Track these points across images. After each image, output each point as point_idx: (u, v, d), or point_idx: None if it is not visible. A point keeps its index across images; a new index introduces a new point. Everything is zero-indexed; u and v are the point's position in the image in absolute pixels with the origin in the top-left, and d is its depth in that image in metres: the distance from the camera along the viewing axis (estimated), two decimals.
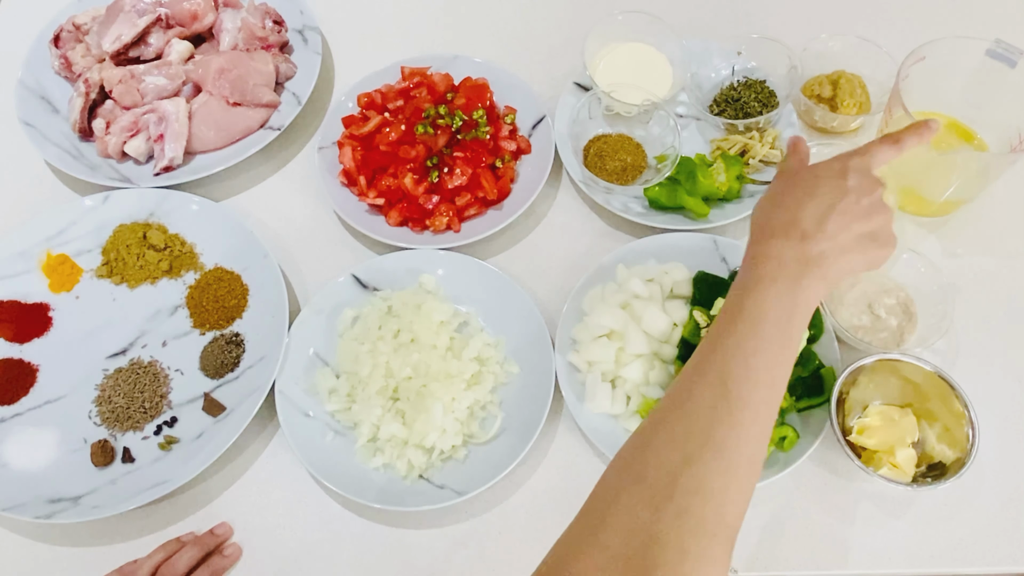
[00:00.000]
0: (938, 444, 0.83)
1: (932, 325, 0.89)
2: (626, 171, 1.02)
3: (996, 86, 0.94)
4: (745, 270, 0.65)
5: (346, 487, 0.82)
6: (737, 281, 0.64)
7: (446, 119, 1.02)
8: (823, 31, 1.10)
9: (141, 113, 1.05)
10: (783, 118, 1.05)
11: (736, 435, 0.56)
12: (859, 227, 0.65)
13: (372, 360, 0.89)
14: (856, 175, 0.67)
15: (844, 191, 0.66)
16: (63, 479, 0.86)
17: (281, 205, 1.06)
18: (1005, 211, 1.01)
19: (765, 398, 0.58)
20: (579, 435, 0.88)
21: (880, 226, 0.67)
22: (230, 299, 0.96)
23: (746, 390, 0.57)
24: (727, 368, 0.58)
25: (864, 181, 0.67)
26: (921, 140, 0.71)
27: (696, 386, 0.59)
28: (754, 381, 0.58)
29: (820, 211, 0.65)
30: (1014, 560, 0.81)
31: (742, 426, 0.56)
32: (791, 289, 0.61)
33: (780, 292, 0.61)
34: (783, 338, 0.60)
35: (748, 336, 0.59)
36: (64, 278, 0.99)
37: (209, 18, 1.12)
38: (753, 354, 0.59)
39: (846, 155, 0.69)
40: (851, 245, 0.64)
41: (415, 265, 0.96)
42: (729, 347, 0.59)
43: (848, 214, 0.65)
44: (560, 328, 0.90)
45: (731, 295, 0.64)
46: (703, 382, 0.59)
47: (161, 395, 0.91)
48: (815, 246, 0.63)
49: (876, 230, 0.66)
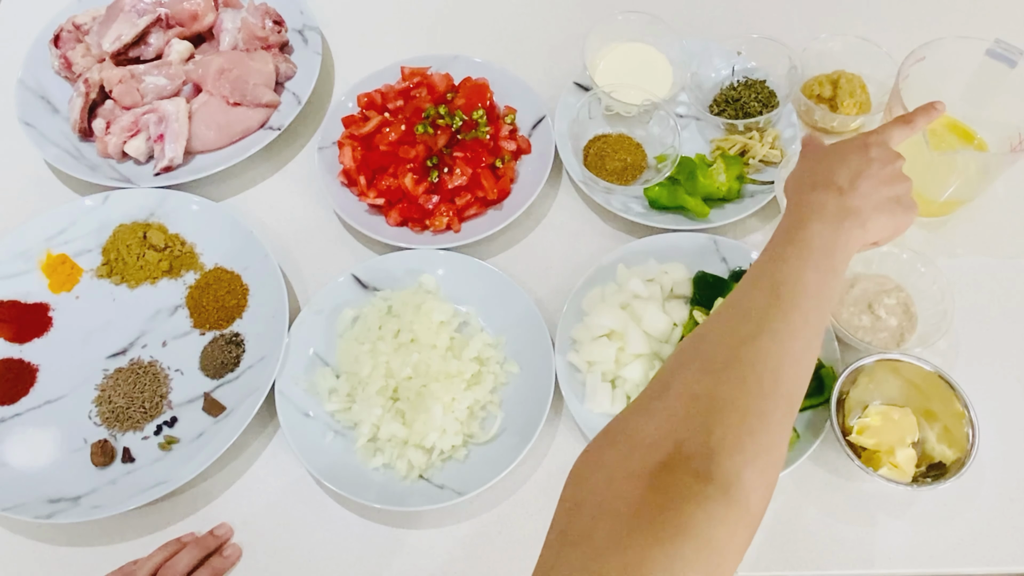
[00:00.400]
0: (938, 444, 0.83)
1: (932, 325, 0.89)
2: (626, 171, 1.02)
3: (996, 86, 0.94)
4: (787, 217, 0.69)
5: (346, 487, 0.82)
6: (780, 226, 0.68)
7: (446, 119, 1.02)
8: (823, 31, 1.10)
9: (141, 113, 1.05)
10: (783, 118, 1.05)
11: (788, 328, 0.59)
12: (887, 190, 0.70)
13: (372, 360, 0.89)
14: (877, 148, 0.72)
15: (869, 160, 0.71)
16: (63, 479, 0.86)
17: (281, 205, 1.06)
18: (1005, 211, 1.01)
19: (814, 307, 0.61)
20: (579, 435, 0.88)
21: (904, 192, 0.71)
22: (230, 299, 0.96)
23: (797, 296, 0.61)
24: (777, 279, 0.62)
25: (885, 153, 0.72)
26: (930, 119, 0.76)
27: (749, 292, 0.63)
28: (803, 291, 0.61)
29: (851, 173, 0.69)
30: (1014, 560, 0.81)
31: (793, 323, 0.60)
32: (834, 229, 0.65)
33: (824, 229, 0.65)
34: (828, 265, 0.64)
35: (795, 258, 0.63)
36: (64, 278, 0.99)
37: (209, 18, 1.12)
38: (802, 271, 0.62)
39: (864, 134, 0.74)
40: (883, 204, 0.69)
41: (415, 265, 0.96)
42: (779, 266, 0.63)
43: (875, 178, 0.69)
44: (560, 328, 0.90)
45: (775, 235, 0.67)
46: (756, 289, 0.62)
47: (161, 395, 0.91)
48: (852, 200, 0.67)
49: (901, 195, 0.71)
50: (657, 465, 0.52)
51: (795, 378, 0.59)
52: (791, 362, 0.58)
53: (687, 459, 0.52)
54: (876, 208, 0.68)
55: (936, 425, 0.83)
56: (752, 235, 1.01)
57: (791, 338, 0.59)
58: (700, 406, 0.55)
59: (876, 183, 0.69)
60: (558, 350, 0.89)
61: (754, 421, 0.55)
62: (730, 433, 0.53)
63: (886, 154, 0.72)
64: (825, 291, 0.63)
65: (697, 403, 0.55)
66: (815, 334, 0.61)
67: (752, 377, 0.56)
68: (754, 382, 0.56)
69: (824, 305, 0.62)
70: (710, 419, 0.54)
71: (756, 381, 0.56)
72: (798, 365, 0.59)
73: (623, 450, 0.55)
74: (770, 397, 0.56)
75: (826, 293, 0.63)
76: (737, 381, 0.56)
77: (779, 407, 0.56)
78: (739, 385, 0.56)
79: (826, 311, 0.63)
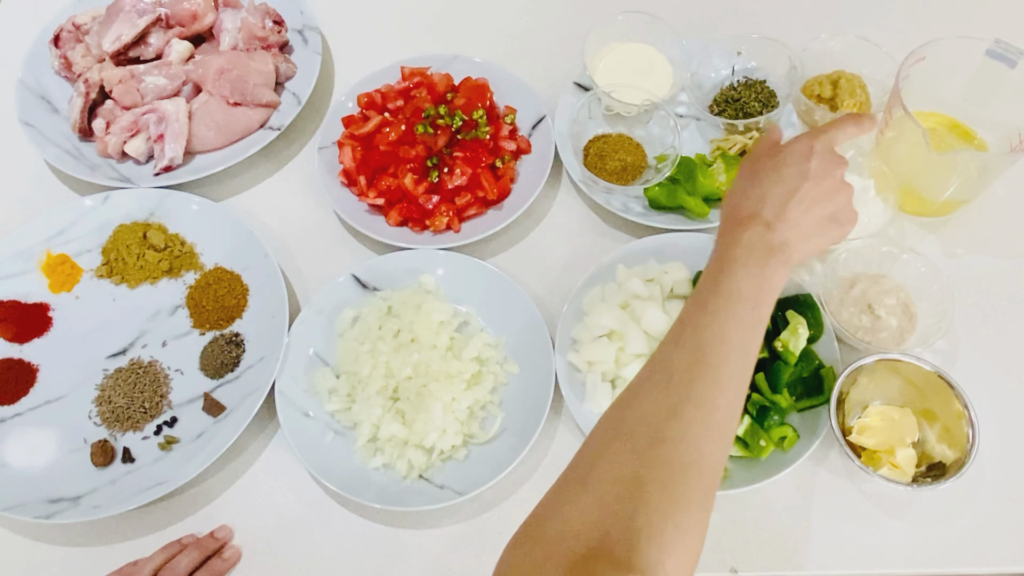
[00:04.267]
0: (938, 444, 0.83)
1: (932, 325, 0.89)
2: (626, 171, 1.02)
3: (996, 86, 0.94)
4: (715, 256, 0.68)
5: (346, 487, 0.82)
6: (708, 267, 0.68)
7: (446, 119, 1.02)
8: (823, 31, 1.10)
9: (141, 113, 1.05)
10: (783, 118, 1.05)
11: (714, 392, 0.60)
12: (820, 210, 0.69)
13: (372, 360, 0.89)
14: (819, 157, 0.70)
15: (806, 175, 0.69)
16: (63, 479, 0.86)
17: (281, 205, 1.06)
18: (1005, 211, 1.01)
19: (739, 363, 0.62)
20: (579, 435, 0.88)
21: (841, 206, 0.71)
22: (230, 299, 0.96)
23: (722, 353, 0.61)
24: (702, 337, 0.62)
25: (826, 162, 0.70)
26: (874, 124, 0.76)
27: (674, 353, 0.63)
28: (728, 347, 0.62)
29: (782, 199, 0.69)
30: (1014, 560, 0.81)
31: (719, 385, 0.60)
32: (759, 273, 0.65)
33: (749, 274, 0.65)
34: (753, 315, 0.64)
35: (721, 310, 0.63)
36: (64, 278, 0.99)
37: (209, 18, 1.12)
38: (726, 325, 0.63)
39: (810, 134, 0.73)
40: (813, 229, 0.69)
41: (415, 265, 0.96)
42: (704, 321, 0.63)
43: (808, 199, 0.69)
44: (560, 328, 0.90)
45: (703, 279, 0.67)
46: (681, 350, 0.63)
47: (161, 395, 0.91)
48: (778, 235, 0.67)
49: (837, 211, 0.70)
50: (581, 556, 0.52)
51: (719, 452, 0.59)
52: (716, 434, 0.59)
53: (610, 549, 0.52)
54: (805, 236, 0.68)
55: (936, 425, 0.83)
56: None
57: (716, 404, 0.59)
58: (625, 491, 0.55)
59: (809, 205, 0.68)
60: (558, 350, 0.89)
61: (679, 504, 0.55)
62: (655, 518, 0.53)
63: (826, 163, 0.70)
64: (750, 345, 0.63)
65: (622, 487, 0.55)
66: (739, 392, 0.61)
67: (677, 457, 0.57)
68: (679, 462, 0.56)
69: (748, 359, 0.63)
70: (635, 505, 0.54)
71: (681, 461, 0.56)
72: (722, 437, 0.60)
73: (550, 541, 0.54)
74: (694, 477, 0.56)
75: (751, 347, 0.63)
76: (662, 463, 0.56)
77: (702, 485, 0.57)
78: (664, 466, 0.56)
79: (750, 365, 0.63)
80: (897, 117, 0.92)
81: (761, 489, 0.83)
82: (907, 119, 0.89)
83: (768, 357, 0.85)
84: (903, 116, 0.90)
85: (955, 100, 1.00)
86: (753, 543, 0.83)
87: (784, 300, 0.90)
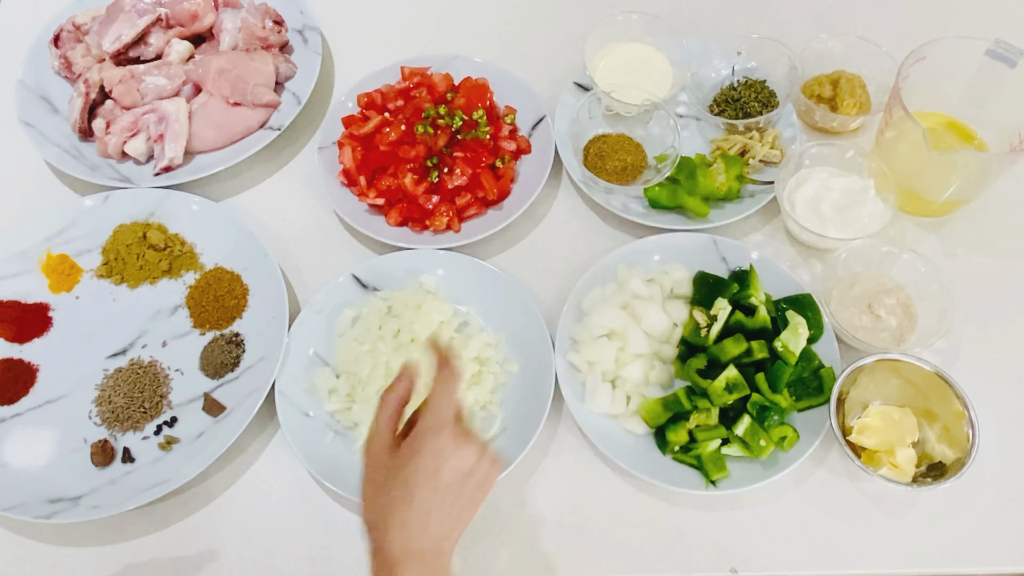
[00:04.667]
0: (938, 444, 0.83)
1: (932, 325, 0.89)
2: (626, 171, 1.02)
3: (996, 86, 0.95)
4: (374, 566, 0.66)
5: (346, 487, 0.82)
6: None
7: (446, 119, 1.02)
8: (823, 31, 1.10)
9: (141, 113, 1.05)
10: (783, 118, 1.05)
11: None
12: (466, 512, 0.66)
13: (372, 360, 0.89)
14: (450, 470, 0.64)
15: (436, 490, 0.64)
16: (63, 479, 0.86)
17: (281, 205, 1.06)
18: (1005, 211, 1.01)
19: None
20: (579, 435, 0.88)
21: (485, 493, 0.67)
22: (230, 299, 0.96)
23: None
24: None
25: (458, 463, 0.65)
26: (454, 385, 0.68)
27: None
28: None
29: (420, 519, 0.64)
30: (1014, 560, 0.81)
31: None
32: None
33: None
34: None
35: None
36: (64, 278, 0.99)
37: (209, 18, 1.12)
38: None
39: (431, 442, 0.65)
40: (457, 526, 0.66)
41: (415, 265, 0.96)
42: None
43: (447, 510, 0.65)
44: (560, 328, 0.90)
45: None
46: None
47: (161, 395, 0.91)
48: (428, 550, 0.64)
49: (481, 500, 0.67)
50: None
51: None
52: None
53: None
54: (449, 536, 0.65)
55: (936, 425, 0.83)
56: (752, 235, 1.01)
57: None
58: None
59: (448, 514, 0.64)
60: (558, 350, 0.89)
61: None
62: None
63: (459, 465, 0.64)
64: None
65: None
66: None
67: None
68: None
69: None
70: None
71: None
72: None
73: None
74: None
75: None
76: None
77: None
78: None
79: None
80: (897, 117, 0.92)
81: (761, 489, 0.83)
82: (907, 119, 0.89)
83: (768, 357, 0.85)
84: (903, 116, 0.90)
85: (955, 100, 1.00)
86: (753, 543, 0.83)
87: (784, 300, 0.90)
